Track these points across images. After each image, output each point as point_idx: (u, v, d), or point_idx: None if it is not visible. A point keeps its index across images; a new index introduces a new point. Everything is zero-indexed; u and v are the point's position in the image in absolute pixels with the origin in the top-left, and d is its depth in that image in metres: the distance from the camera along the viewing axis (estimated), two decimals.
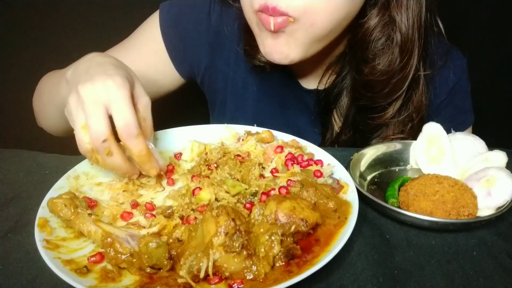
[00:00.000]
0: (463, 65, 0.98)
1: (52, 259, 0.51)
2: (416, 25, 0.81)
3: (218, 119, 1.06)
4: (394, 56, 0.82)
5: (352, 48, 0.87)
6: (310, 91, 0.97)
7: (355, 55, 0.86)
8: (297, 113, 1.00)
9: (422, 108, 0.89)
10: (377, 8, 0.81)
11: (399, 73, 0.83)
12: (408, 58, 0.82)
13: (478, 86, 1.03)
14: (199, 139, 0.79)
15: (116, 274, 0.51)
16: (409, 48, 0.82)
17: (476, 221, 0.63)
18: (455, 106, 0.98)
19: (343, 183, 0.66)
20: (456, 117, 0.98)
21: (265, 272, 0.49)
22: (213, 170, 0.69)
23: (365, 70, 0.84)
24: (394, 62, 0.82)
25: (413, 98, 0.88)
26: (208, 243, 0.50)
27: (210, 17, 0.96)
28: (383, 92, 0.85)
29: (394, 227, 0.64)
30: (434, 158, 0.75)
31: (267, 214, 0.56)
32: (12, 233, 0.61)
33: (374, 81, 0.84)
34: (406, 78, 0.84)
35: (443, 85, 0.95)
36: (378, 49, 0.83)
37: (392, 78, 0.84)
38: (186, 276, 0.48)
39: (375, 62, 0.83)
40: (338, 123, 0.98)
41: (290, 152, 0.71)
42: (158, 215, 0.61)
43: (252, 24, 0.80)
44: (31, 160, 0.79)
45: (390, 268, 0.56)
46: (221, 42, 0.97)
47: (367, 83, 0.86)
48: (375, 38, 0.82)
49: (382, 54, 0.83)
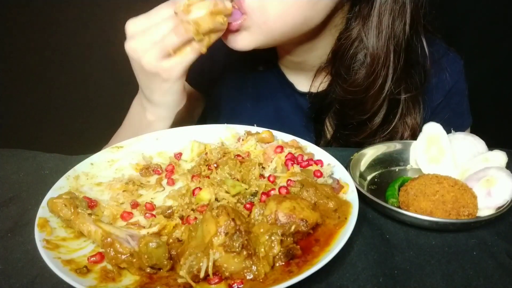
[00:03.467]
0: (460, 68, 0.97)
1: (52, 259, 0.50)
2: (388, 47, 0.80)
3: (212, 122, 1.06)
4: (361, 74, 0.83)
5: (334, 57, 0.88)
6: (303, 94, 0.98)
7: (334, 65, 0.88)
8: (292, 116, 1.01)
9: (408, 128, 0.89)
10: (356, 22, 0.82)
11: (366, 91, 0.83)
12: (374, 78, 0.82)
13: (478, 86, 1.03)
14: (199, 139, 0.79)
15: (116, 274, 0.51)
16: (377, 69, 0.81)
17: (476, 221, 0.63)
18: (452, 109, 0.97)
19: (343, 183, 0.66)
20: (453, 120, 0.97)
21: (265, 272, 0.49)
22: (213, 170, 0.69)
23: (341, 86, 0.86)
24: (363, 79, 0.83)
25: (394, 120, 0.88)
26: (208, 243, 0.50)
27: None
28: (359, 109, 0.86)
29: (394, 227, 0.64)
30: (434, 158, 0.75)
31: (267, 214, 0.56)
32: (12, 233, 0.61)
33: (349, 100, 0.86)
34: (377, 98, 0.84)
35: (440, 88, 0.95)
36: (351, 64, 0.84)
37: (366, 92, 0.84)
38: (186, 276, 0.48)
39: (349, 76, 0.84)
40: (330, 131, 0.98)
41: (290, 152, 0.71)
42: (158, 215, 0.61)
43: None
44: (31, 160, 0.79)
45: (390, 268, 0.56)
46: (214, 46, 0.97)
47: (345, 102, 0.87)
48: (351, 54, 0.83)
49: (355, 70, 0.84)
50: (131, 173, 0.72)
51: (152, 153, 0.77)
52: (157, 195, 0.68)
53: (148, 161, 0.75)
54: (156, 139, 0.79)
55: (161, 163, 0.74)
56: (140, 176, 0.71)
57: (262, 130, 0.79)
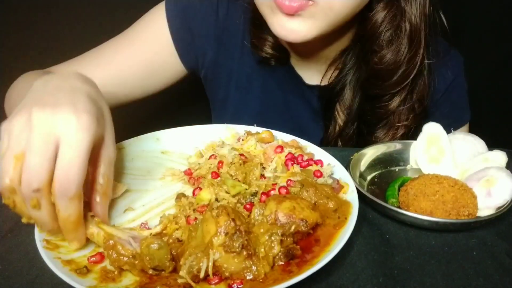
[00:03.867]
0: (460, 64, 1.00)
1: (52, 259, 0.50)
2: (422, 16, 0.84)
3: (220, 114, 1.06)
4: (403, 46, 0.84)
5: (360, 40, 0.88)
6: (312, 87, 0.98)
7: (364, 47, 0.88)
8: (300, 108, 1.01)
9: (425, 95, 0.91)
10: (385, 0, 0.82)
11: (408, 62, 0.85)
12: (417, 48, 0.85)
13: (478, 86, 1.03)
14: (199, 139, 0.79)
15: (116, 275, 0.51)
16: (418, 38, 0.84)
17: (476, 221, 0.63)
18: (452, 102, 0.99)
19: (343, 183, 0.66)
20: (453, 113, 1.00)
21: (265, 272, 0.49)
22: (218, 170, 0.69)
23: (373, 60, 0.86)
24: (402, 52, 0.84)
25: (417, 87, 0.90)
26: (208, 243, 0.50)
27: (218, 11, 0.96)
28: (392, 81, 0.87)
29: (394, 227, 0.64)
30: (434, 158, 0.75)
31: (267, 214, 0.56)
32: (12, 233, 0.61)
33: (384, 70, 0.86)
34: (414, 67, 0.86)
35: (441, 82, 0.96)
36: (386, 40, 0.84)
37: (401, 67, 0.86)
38: (186, 276, 0.48)
39: (384, 53, 0.85)
40: (341, 116, 0.98)
41: (290, 152, 0.71)
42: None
43: (264, 8, 0.78)
44: None
45: (390, 268, 0.56)
46: (227, 37, 0.98)
47: (376, 73, 0.87)
48: (384, 30, 0.84)
49: (391, 45, 0.85)
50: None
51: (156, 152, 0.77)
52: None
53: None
54: (157, 139, 0.79)
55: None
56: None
57: (262, 130, 0.79)
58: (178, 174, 0.72)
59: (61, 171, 0.48)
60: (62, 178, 0.48)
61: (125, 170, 0.71)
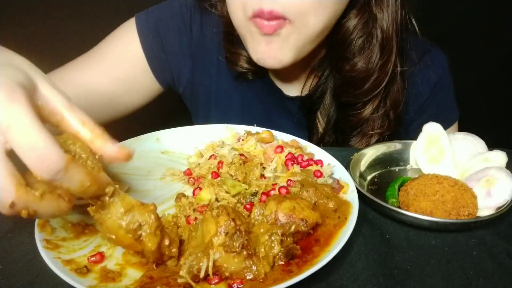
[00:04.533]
0: (443, 62, 0.99)
1: (52, 259, 0.50)
2: (394, 22, 0.83)
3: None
4: (375, 54, 0.84)
5: (332, 47, 0.88)
6: (292, 98, 0.98)
7: (335, 55, 0.88)
8: (281, 120, 1.00)
9: (398, 103, 0.91)
10: (357, 7, 0.82)
11: (380, 70, 0.85)
12: (388, 55, 0.85)
13: (478, 86, 1.03)
14: (199, 139, 0.79)
15: (116, 274, 0.51)
16: (389, 45, 0.84)
17: (476, 221, 0.63)
18: (438, 103, 0.99)
19: (343, 183, 0.66)
20: (440, 114, 0.98)
21: (265, 272, 0.49)
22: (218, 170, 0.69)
23: (345, 68, 0.86)
24: (374, 59, 0.84)
25: (391, 94, 0.90)
26: (208, 243, 0.50)
27: (192, 28, 0.95)
28: (364, 89, 0.87)
29: (394, 227, 0.64)
30: (434, 158, 0.75)
31: (267, 214, 0.56)
32: (12, 233, 0.61)
33: (355, 78, 0.86)
34: (386, 75, 0.86)
35: (425, 84, 0.96)
36: (358, 47, 0.84)
37: (373, 75, 0.85)
38: (186, 276, 0.48)
39: (356, 60, 0.84)
40: (322, 124, 0.98)
41: (290, 152, 0.71)
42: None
43: (242, 31, 0.79)
44: None
45: (390, 268, 0.56)
46: (202, 54, 0.96)
47: (348, 81, 0.87)
48: (356, 37, 0.84)
49: (363, 52, 0.84)
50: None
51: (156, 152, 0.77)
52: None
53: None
54: (157, 139, 0.80)
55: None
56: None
57: (262, 130, 0.79)
58: (178, 174, 0.72)
59: (28, 160, 0.40)
60: (37, 165, 0.40)
61: (125, 170, 0.71)
